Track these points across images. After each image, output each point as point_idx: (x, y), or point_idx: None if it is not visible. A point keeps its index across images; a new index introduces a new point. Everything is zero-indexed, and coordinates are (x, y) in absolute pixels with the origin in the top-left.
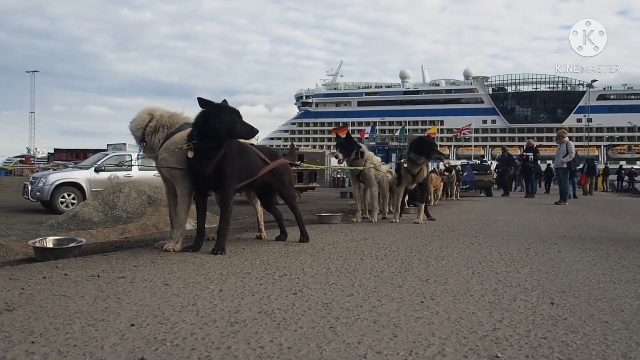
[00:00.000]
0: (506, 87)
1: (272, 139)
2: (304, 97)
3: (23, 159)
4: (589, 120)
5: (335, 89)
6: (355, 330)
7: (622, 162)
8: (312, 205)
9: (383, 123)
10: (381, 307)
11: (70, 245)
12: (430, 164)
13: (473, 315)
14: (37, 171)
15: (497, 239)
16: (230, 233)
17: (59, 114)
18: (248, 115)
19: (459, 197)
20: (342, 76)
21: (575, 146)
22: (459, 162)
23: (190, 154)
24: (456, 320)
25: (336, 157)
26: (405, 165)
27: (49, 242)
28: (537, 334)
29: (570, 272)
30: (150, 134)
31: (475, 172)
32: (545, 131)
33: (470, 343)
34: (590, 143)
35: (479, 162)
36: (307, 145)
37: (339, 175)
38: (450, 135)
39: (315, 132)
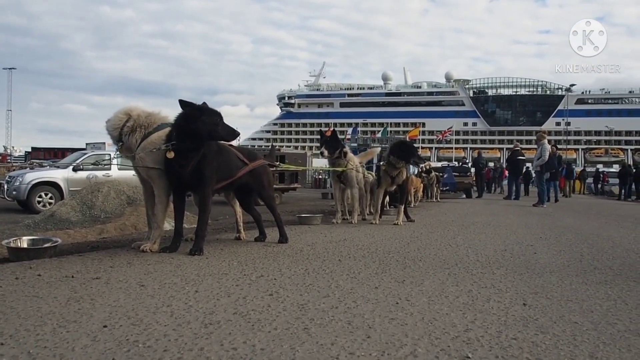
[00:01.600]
0: (487, 90)
1: (254, 139)
2: (286, 98)
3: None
4: (568, 123)
5: (317, 90)
6: (329, 331)
7: (599, 165)
8: (292, 206)
9: (365, 124)
10: (356, 309)
11: (45, 245)
12: (410, 167)
13: (446, 316)
14: (14, 170)
15: (474, 240)
16: (209, 234)
17: (36, 112)
18: (230, 115)
19: (439, 199)
20: (324, 77)
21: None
22: (439, 164)
23: (170, 155)
24: (429, 321)
25: (322, 153)
26: (383, 167)
27: (24, 242)
28: (507, 335)
29: (544, 274)
30: (127, 134)
31: (455, 174)
32: (525, 134)
33: (442, 344)
34: (569, 146)
35: (460, 164)
36: (289, 146)
37: (320, 176)
38: (432, 137)
39: (297, 132)
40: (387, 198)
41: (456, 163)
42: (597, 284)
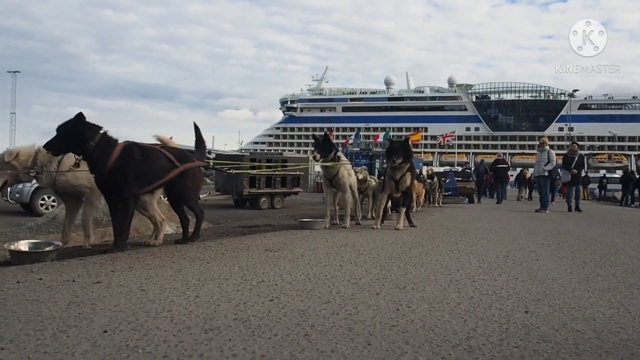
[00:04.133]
0: (489, 95)
1: (257, 143)
2: (289, 102)
3: None
4: (570, 129)
5: (320, 94)
6: (330, 338)
7: (603, 171)
8: (294, 210)
9: (367, 129)
10: (357, 315)
11: (47, 249)
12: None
13: (448, 323)
14: None
15: (476, 246)
16: (210, 238)
17: (40, 115)
18: (233, 119)
19: (441, 204)
20: (327, 82)
21: (556, 155)
22: (442, 169)
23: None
24: (430, 329)
25: (314, 157)
26: (384, 168)
27: (25, 246)
28: (509, 343)
29: (546, 281)
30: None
31: (457, 178)
32: (528, 139)
33: (443, 352)
34: None
35: (462, 168)
36: (292, 150)
37: (322, 181)
38: (434, 142)
39: (299, 137)
40: (389, 202)
41: (459, 168)
42: (600, 291)
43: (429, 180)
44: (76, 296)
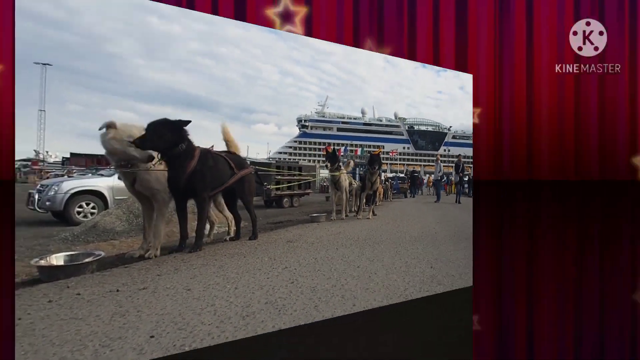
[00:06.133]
0: (414, 126)
1: (280, 153)
2: (303, 121)
3: (29, 163)
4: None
5: (323, 116)
6: (330, 306)
7: None
8: (307, 208)
9: (352, 145)
10: (347, 285)
11: (86, 260)
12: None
13: (395, 282)
14: (48, 178)
15: (413, 225)
16: (246, 234)
17: (75, 114)
18: (262, 132)
19: (391, 199)
20: (327, 107)
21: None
22: (391, 175)
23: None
24: (386, 287)
25: (326, 166)
26: (366, 174)
27: (59, 259)
28: (421, 289)
29: (444, 243)
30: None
31: (399, 181)
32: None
33: (392, 300)
34: None
35: (404, 174)
36: (305, 160)
37: (326, 184)
38: (387, 156)
39: (311, 149)
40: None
41: (399, 174)
42: None
43: (386, 183)
44: (120, 306)
